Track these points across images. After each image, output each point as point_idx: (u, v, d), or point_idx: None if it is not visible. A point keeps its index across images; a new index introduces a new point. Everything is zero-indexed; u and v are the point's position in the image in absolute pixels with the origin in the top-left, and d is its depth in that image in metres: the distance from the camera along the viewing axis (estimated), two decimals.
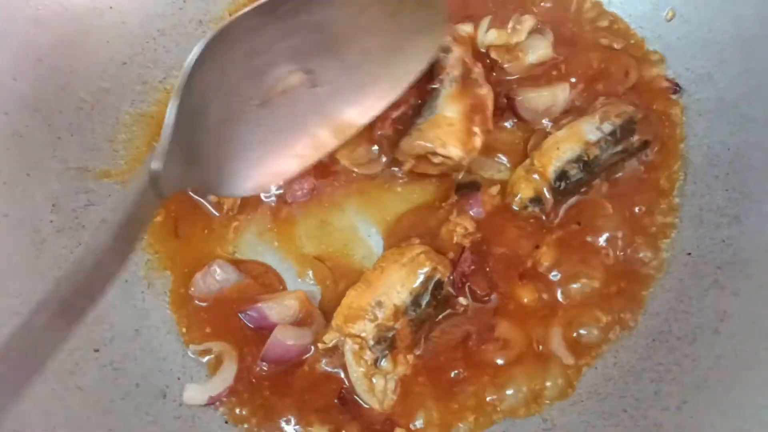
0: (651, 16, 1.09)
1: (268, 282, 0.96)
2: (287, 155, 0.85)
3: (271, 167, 0.85)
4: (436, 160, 0.95)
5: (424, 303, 0.88)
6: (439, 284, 0.89)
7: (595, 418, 0.87)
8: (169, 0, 1.14)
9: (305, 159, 0.88)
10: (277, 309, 0.91)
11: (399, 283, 0.88)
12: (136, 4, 1.11)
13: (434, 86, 0.98)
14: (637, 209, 0.98)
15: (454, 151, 0.93)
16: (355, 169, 1.02)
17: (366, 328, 0.86)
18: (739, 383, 0.83)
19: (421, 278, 0.88)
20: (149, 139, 1.07)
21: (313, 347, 0.90)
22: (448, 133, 0.94)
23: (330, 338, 0.87)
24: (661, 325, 0.92)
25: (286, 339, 0.89)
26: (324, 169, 1.02)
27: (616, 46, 1.08)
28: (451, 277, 0.90)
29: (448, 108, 0.96)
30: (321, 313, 0.94)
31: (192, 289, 0.96)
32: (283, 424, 0.88)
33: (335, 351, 0.88)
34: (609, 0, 1.13)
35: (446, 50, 0.98)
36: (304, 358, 0.90)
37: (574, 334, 0.91)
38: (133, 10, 1.11)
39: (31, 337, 0.55)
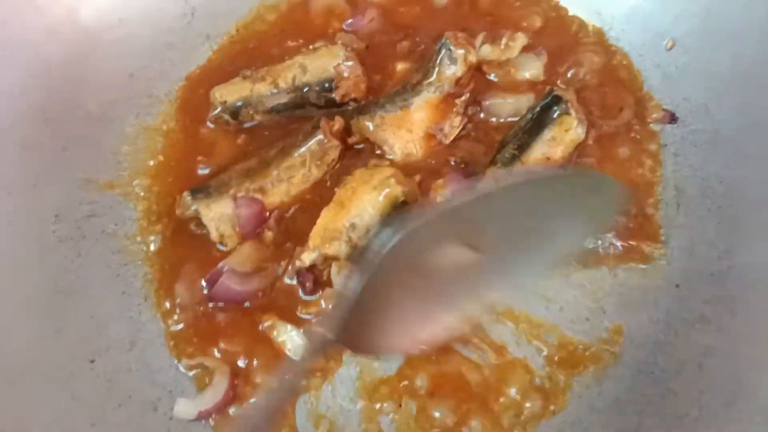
0: (651, 45, 1.10)
1: None
2: (434, 325, 0.84)
3: (415, 333, 0.83)
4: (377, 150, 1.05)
5: None
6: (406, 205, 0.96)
7: None
8: (177, 14, 1.16)
9: (450, 331, 0.86)
10: (231, 261, 0.97)
11: (370, 206, 0.95)
12: (144, 18, 1.14)
13: (419, 84, 1.03)
14: None
15: (396, 154, 1.03)
16: None
17: (341, 249, 0.94)
18: (718, 420, 0.84)
19: (390, 200, 0.95)
20: (152, 151, 1.10)
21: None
22: (401, 138, 1.03)
23: (308, 257, 0.94)
24: (647, 356, 0.93)
25: (231, 284, 0.96)
26: None
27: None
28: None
29: (419, 112, 1.02)
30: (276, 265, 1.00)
31: (178, 300, 0.98)
32: None
33: (312, 269, 0.96)
34: (610, 26, 1.14)
35: (453, 61, 1.02)
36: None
37: None
38: (141, 24, 1.13)
39: None
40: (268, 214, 1.00)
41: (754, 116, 0.99)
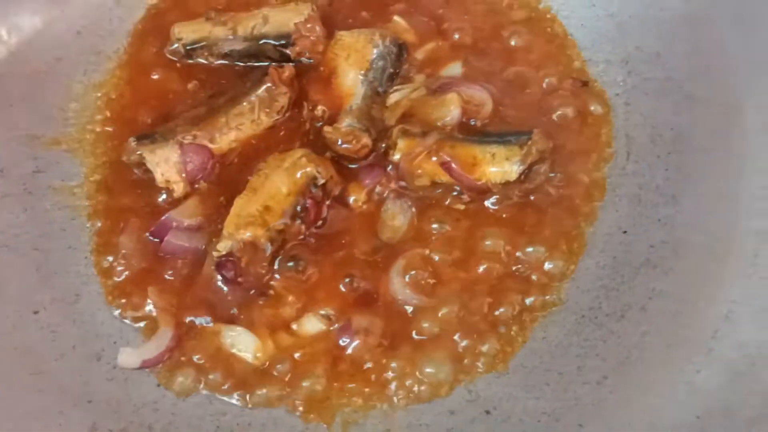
0: None
1: None
2: None
3: None
4: None
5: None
6: (320, 185, 0.94)
7: (519, 390, 0.88)
8: None
9: None
10: (177, 212, 0.97)
11: (284, 187, 0.93)
12: None
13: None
14: None
15: None
16: None
17: (258, 233, 0.90)
18: (661, 361, 0.84)
19: (304, 179, 0.93)
20: (100, 107, 1.09)
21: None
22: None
23: (224, 246, 0.90)
24: (591, 302, 0.93)
25: (178, 240, 0.96)
26: None
27: None
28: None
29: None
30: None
31: (123, 251, 0.97)
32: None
33: (231, 259, 0.91)
34: None
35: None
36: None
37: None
38: None
39: None
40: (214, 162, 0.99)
41: (704, 62, 0.99)
